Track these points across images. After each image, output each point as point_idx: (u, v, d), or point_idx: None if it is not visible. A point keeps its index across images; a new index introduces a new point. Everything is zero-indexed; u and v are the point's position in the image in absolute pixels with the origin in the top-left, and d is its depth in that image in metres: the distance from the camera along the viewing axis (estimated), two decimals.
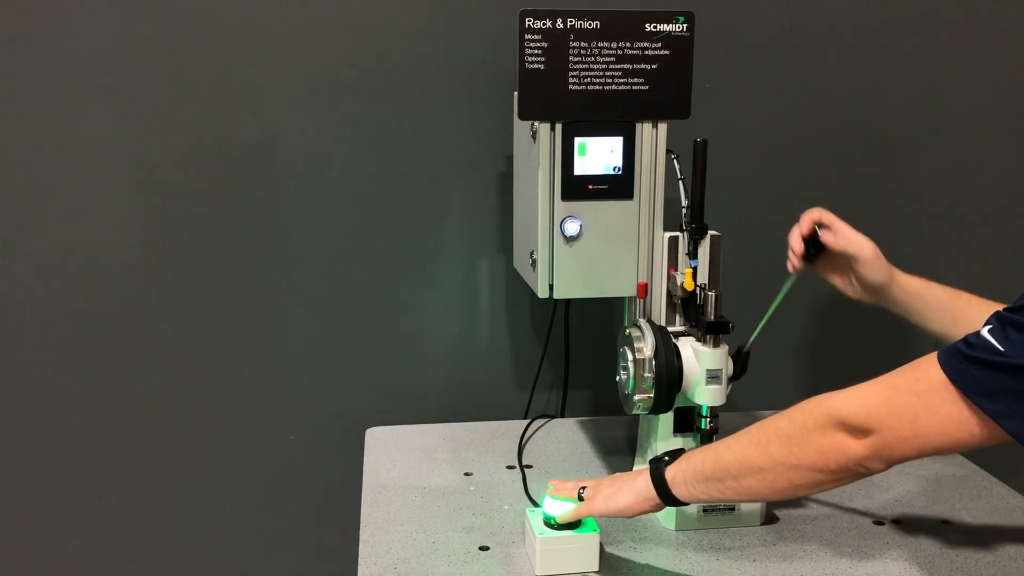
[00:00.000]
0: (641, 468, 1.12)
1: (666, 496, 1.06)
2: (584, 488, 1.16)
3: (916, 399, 0.88)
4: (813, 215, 1.24)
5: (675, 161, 1.33)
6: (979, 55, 1.72)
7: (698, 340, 1.27)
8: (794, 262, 1.26)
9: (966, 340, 0.87)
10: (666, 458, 1.08)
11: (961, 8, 1.69)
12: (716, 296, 1.25)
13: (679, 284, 1.29)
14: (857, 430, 0.91)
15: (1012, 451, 1.56)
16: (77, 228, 1.56)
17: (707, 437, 1.29)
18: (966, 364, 0.85)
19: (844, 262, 1.26)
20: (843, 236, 1.23)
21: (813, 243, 1.24)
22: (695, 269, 1.29)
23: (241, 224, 1.60)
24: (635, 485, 1.09)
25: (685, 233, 1.30)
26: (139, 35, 1.51)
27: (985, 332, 0.86)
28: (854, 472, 0.93)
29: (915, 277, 1.25)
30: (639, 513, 1.11)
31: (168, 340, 1.62)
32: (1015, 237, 1.78)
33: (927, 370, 0.88)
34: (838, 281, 1.29)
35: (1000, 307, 1.15)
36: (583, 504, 1.14)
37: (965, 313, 1.20)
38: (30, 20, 1.48)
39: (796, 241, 1.25)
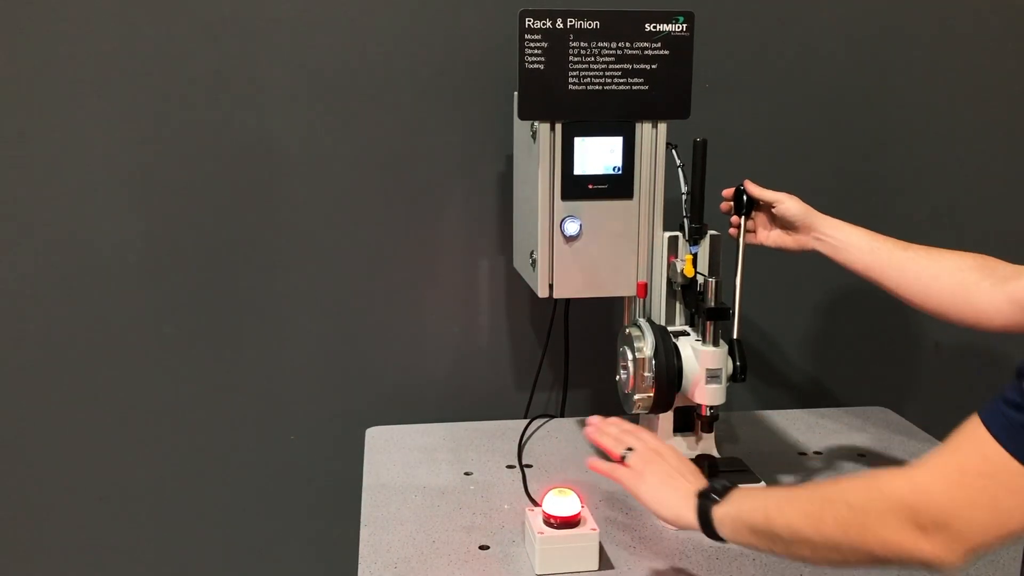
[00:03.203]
0: (692, 476, 1.08)
1: (710, 533, 1.02)
2: (631, 450, 1.12)
3: (990, 481, 0.78)
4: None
5: (675, 152, 1.33)
6: (979, 55, 1.72)
7: (694, 328, 1.27)
8: (732, 220, 1.34)
9: (1010, 401, 0.79)
10: (714, 496, 1.03)
11: (961, 8, 1.69)
12: (716, 282, 1.25)
13: (679, 271, 1.30)
14: (926, 527, 0.80)
15: None
16: (77, 228, 1.56)
17: (707, 426, 1.29)
18: None
19: (769, 216, 1.33)
20: (765, 190, 1.32)
21: (740, 195, 1.32)
22: (695, 256, 1.29)
23: (241, 224, 1.60)
24: (680, 508, 1.05)
25: (685, 232, 1.31)
26: (139, 35, 1.51)
27: None
28: (919, 566, 0.83)
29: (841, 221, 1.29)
30: (673, 526, 1.08)
31: (168, 340, 1.62)
32: (1015, 237, 1.78)
33: (985, 444, 0.79)
34: (772, 236, 1.33)
35: (936, 250, 1.19)
36: (626, 474, 1.10)
37: (880, 250, 1.23)
38: (30, 20, 1.48)
39: (727, 193, 1.34)
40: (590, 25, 1.26)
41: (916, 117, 1.73)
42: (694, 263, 1.29)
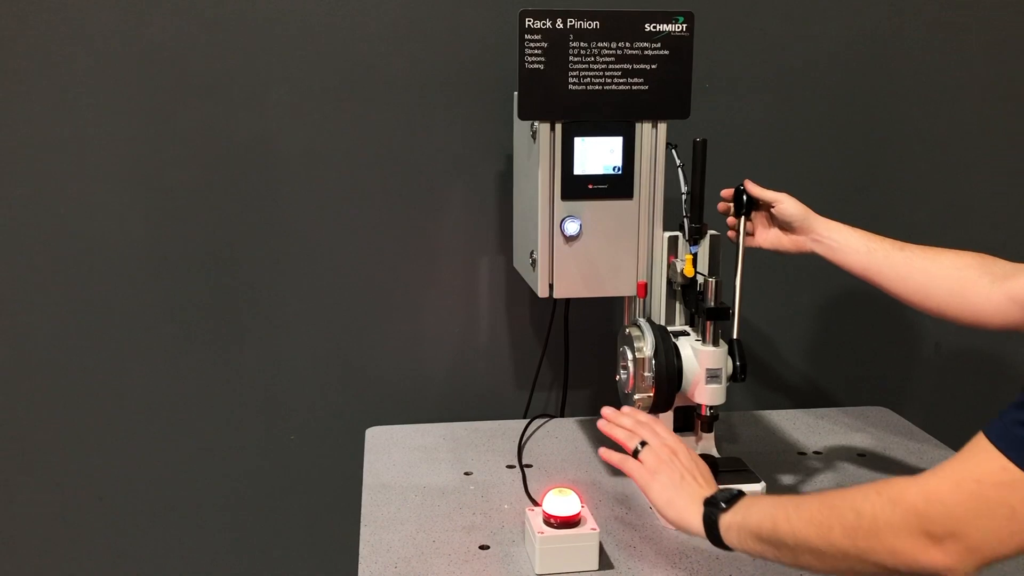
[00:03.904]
0: (703, 479, 1.09)
1: (716, 541, 1.03)
2: (643, 445, 1.12)
3: (1009, 492, 0.78)
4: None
5: (675, 152, 1.33)
6: (980, 55, 1.72)
7: (694, 328, 1.27)
8: (729, 222, 1.34)
9: (1019, 419, 0.79)
10: (722, 504, 1.03)
11: (961, 8, 1.69)
12: (716, 282, 1.25)
13: (679, 271, 1.30)
14: (938, 536, 0.80)
15: None
16: (77, 228, 1.56)
17: (707, 425, 1.29)
18: None
19: (767, 217, 1.33)
20: (764, 190, 1.31)
21: (740, 195, 1.32)
22: (695, 256, 1.29)
23: (241, 224, 1.60)
24: (688, 512, 1.06)
25: (685, 232, 1.31)
26: (139, 35, 1.51)
27: None
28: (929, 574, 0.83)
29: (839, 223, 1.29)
30: (679, 529, 1.09)
31: (168, 340, 1.63)
32: (1015, 237, 1.78)
33: (999, 458, 0.79)
34: (770, 238, 1.33)
35: (934, 249, 1.19)
36: (637, 469, 1.11)
37: (877, 251, 1.23)
38: (31, 20, 1.48)
39: (726, 194, 1.33)
40: (590, 25, 1.26)
41: (916, 117, 1.73)
42: (694, 263, 1.30)
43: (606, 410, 1.21)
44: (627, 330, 1.31)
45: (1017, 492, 0.77)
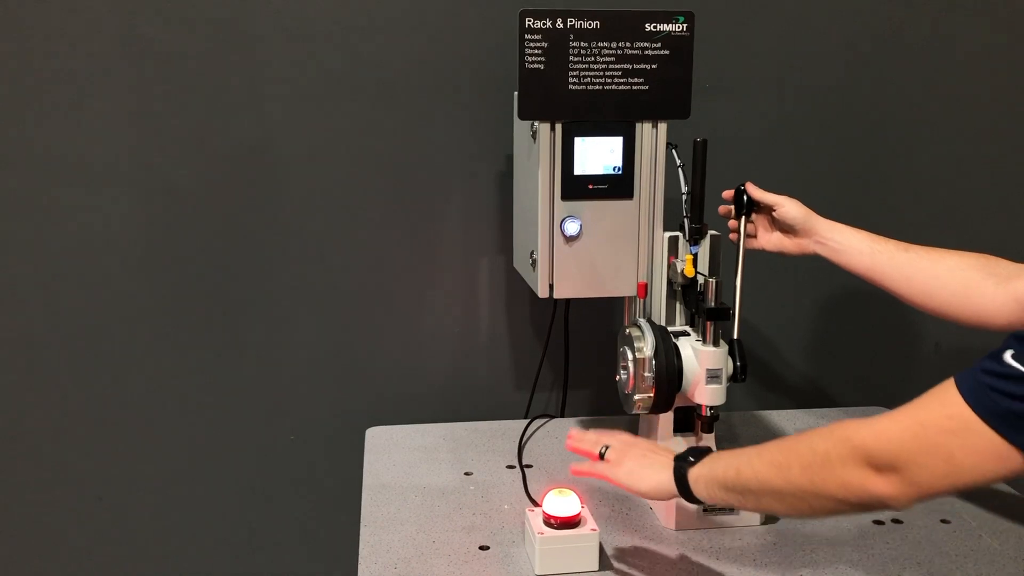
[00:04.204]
0: (666, 453, 1.11)
1: (686, 494, 1.06)
2: (607, 448, 1.14)
3: (950, 437, 0.84)
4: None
5: (675, 152, 1.33)
6: (979, 55, 1.72)
7: (694, 328, 1.27)
8: (731, 225, 1.34)
9: (987, 369, 0.84)
10: (691, 458, 1.07)
11: (961, 9, 1.69)
12: (716, 283, 1.25)
13: (679, 271, 1.30)
14: (883, 467, 0.88)
15: None
16: (77, 228, 1.56)
17: (707, 425, 1.29)
18: (993, 396, 0.82)
19: (769, 219, 1.33)
20: (766, 193, 1.32)
21: (740, 197, 1.32)
22: (695, 256, 1.29)
23: (241, 224, 1.60)
24: (659, 476, 1.08)
25: (685, 232, 1.31)
26: (139, 35, 1.51)
27: (1008, 357, 0.83)
28: (875, 507, 0.91)
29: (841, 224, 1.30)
30: (655, 499, 1.10)
31: (168, 340, 1.62)
32: (1016, 237, 1.78)
33: (953, 404, 0.85)
34: (773, 240, 1.33)
35: (937, 250, 1.20)
36: (605, 466, 1.13)
37: (881, 253, 1.23)
38: (31, 20, 1.48)
39: (727, 195, 1.34)
40: (590, 25, 1.26)
41: (916, 118, 1.73)
42: (694, 263, 1.29)
43: (572, 431, 1.22)
44: (627, 330, 1.31)
45: (957, 438, 0.84)
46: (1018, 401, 0.81)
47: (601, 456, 1.14)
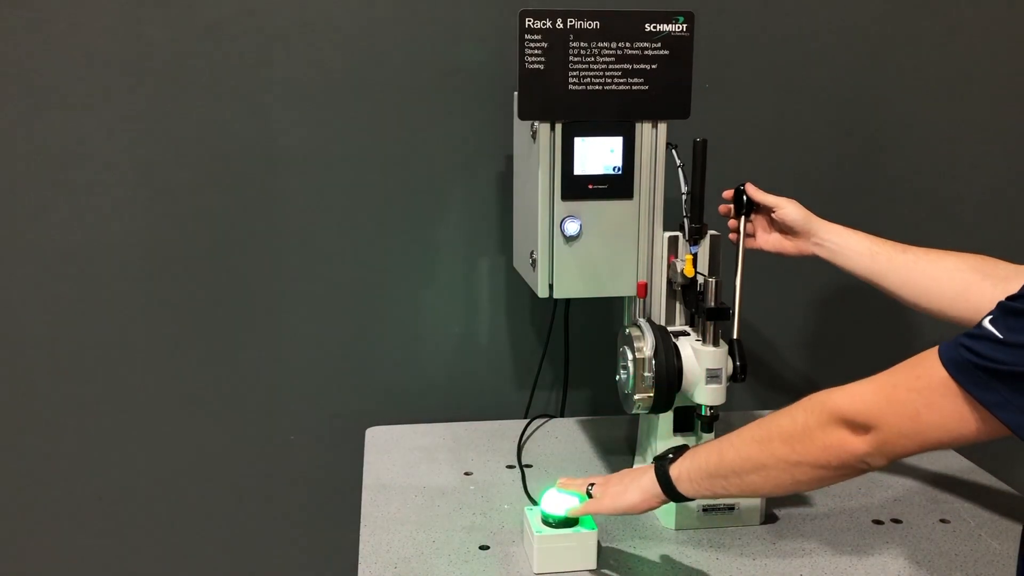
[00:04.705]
0: (645, 466, 1.13)
1: (671, 493, 1.07)
2: (593, 485, 1.16)
3: (916, 396, 0.88)
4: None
5: (675, 152, 1.33)
6: (979, 55, 1.72)
7: (694, 328, 1.27)
8: (730, 225, 1.35)
9: (969, 332, 0.87)
10: (670, 456, 1.09)
11: (961, 8, 1.69)
12: (716, 282, 1.25)
13: (679, 271, 1.30)
14: (858, 427, 0.91)
15: (1011, 450, 1.56)
16: (77, 228, 1.56)
17: (707, 425, 1.29)
18: (965, 354, 0.85)
19: (768, 220, 1.34)
20: (766, 194, 1.33)
21: (740, 197, 1.33)
22: (695, 256, 1.29)
23: (241, 224, 1.60)
24: (641, 483, 1.10)
25: (685, 232, 1.31)
26: (140, 35, 1.51)
27: (987, 322, 0.86)
28: (855, 468, 0.94)
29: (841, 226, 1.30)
30: (647, 509, 1.11)
31: (168, 340, 1.63)
32: (1015, 237, 1.78)
33: (927, 366, 0.88)
34: (772, 241, 1.34)
35: (936, 252, 1.21)
36: (592, 502, 1.14)
37: (880, 254, 1.24)
38: (32, 20, 1.48)
39: (727, 194, 1.35)
40: (590, 25, 1.26)
41: (916, 118, 1.73)
42: (694, 263, 1.29)
43: (562, 480, 1.23)
44: (627, 330, 1.31)
45: (923, 397, 0.87)
46: (986, 360, 0.83)
47: (588, 494, 1.15)
